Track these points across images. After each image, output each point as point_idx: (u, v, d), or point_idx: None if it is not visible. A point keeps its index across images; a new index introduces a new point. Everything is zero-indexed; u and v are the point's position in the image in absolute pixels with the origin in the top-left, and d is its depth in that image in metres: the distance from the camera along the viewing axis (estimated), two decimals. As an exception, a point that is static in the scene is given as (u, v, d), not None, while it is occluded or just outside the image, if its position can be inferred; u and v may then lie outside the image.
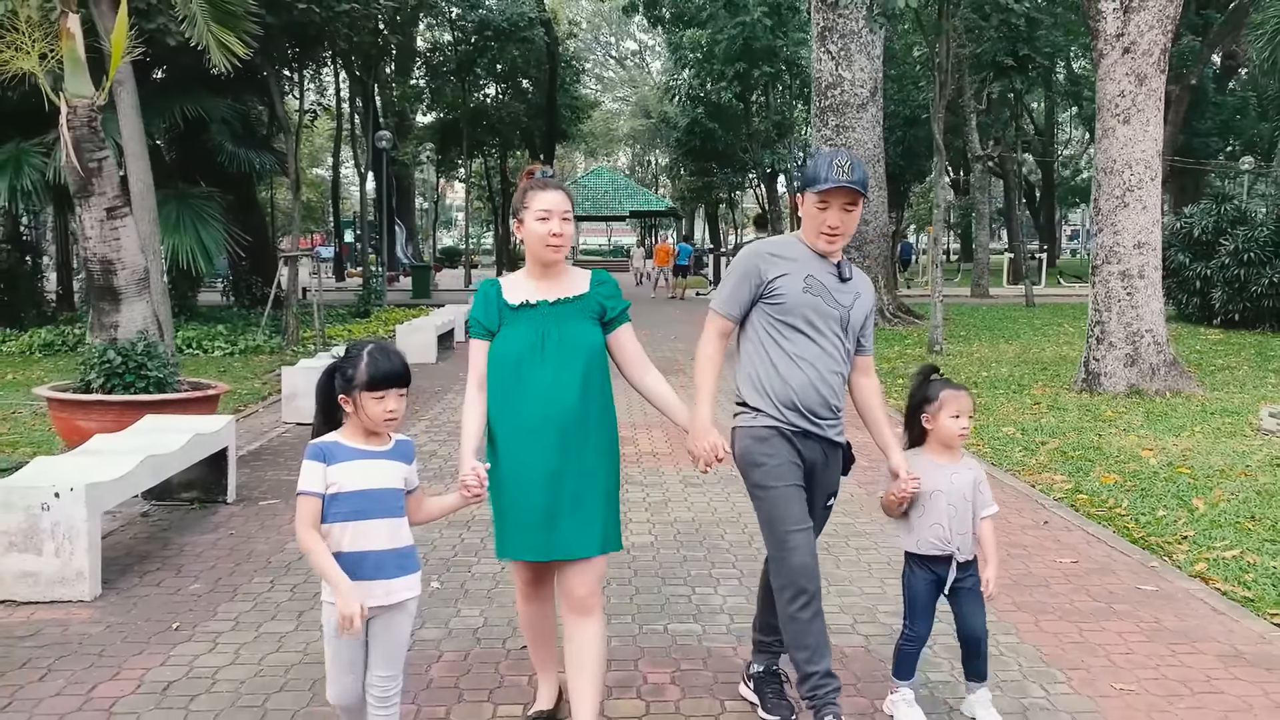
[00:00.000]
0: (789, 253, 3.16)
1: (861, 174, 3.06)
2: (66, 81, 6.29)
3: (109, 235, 6.52)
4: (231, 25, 6.66)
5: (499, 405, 2.94)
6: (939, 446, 3.21)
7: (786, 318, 3.09)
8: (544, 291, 2.98)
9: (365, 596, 2.57)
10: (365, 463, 2.66)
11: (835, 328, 3.11)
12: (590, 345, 2.96)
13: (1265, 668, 3.68)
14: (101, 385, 6.58)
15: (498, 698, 3.41)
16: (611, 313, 3.03)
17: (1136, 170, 10.06)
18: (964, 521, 3.16)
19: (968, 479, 3.19)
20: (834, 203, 3.06)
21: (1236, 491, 6.23)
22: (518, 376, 2.91)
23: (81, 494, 4.28)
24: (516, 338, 2.93)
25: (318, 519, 2.62)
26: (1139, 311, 10.20)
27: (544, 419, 2.88)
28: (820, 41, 17.87)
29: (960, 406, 3.17)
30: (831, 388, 3.11)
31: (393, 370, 2.64)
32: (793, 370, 3.08)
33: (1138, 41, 9.89)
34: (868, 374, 3.32)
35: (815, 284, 3.10)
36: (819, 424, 3.10)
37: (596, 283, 3.05)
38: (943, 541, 3.13)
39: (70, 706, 3.36)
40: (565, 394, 2.89)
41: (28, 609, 4.23)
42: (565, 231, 2.93)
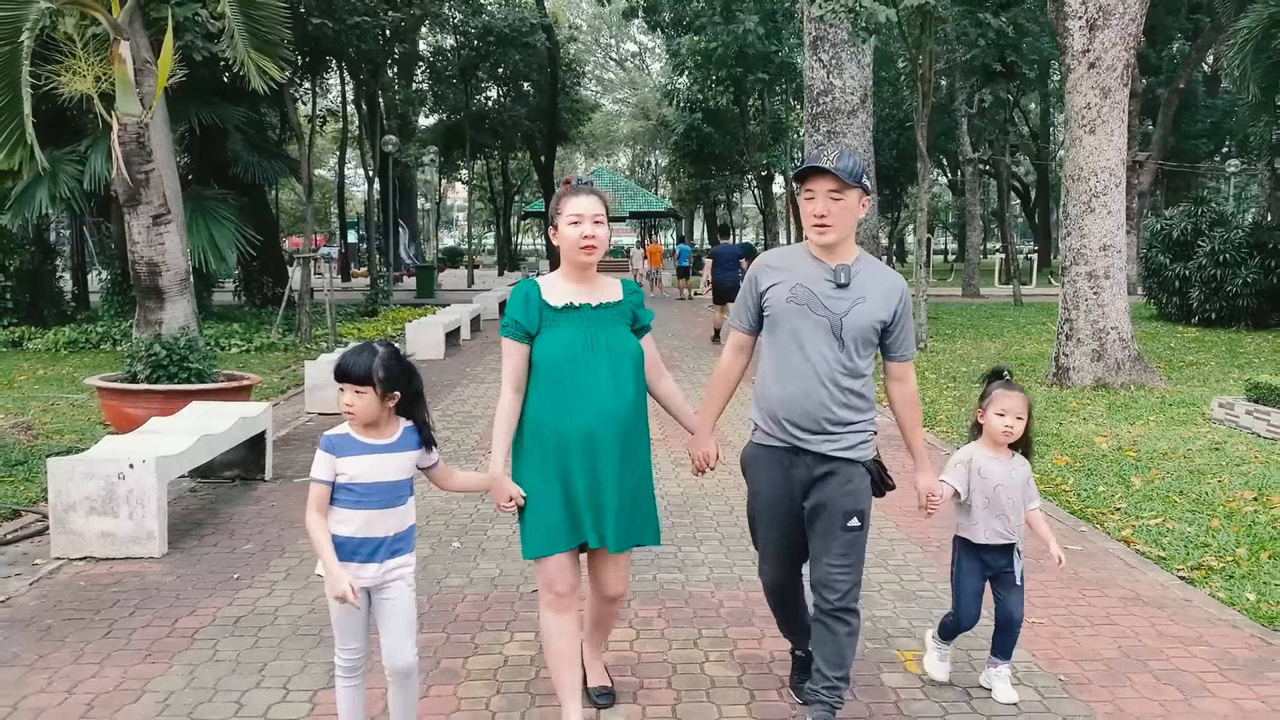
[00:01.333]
0: (786, 262, 3.13)
1: (849, 164, 2.98)
2: (117, 101, 6.99)
3: (154, 240, 7.22)
4: (269, 53, 7.36)
5: (554, 405, 3.00)
6: (991, 442, 3.33)
7: (774, 329, 3.08)
8: (585, 295, 3.08)
9: (367, 578, 2.84)
10: (371, 457, 2.85)
11: (824, 337, 3.01)
12: (634, 349, 3.10)
13: (1158, 607, 4.38)
14: (148, 376, 7.26)
15: (514, 628, 4.11)
16: (640, 321, 3.16)
17: (1102, 177, 10.75)
18: (1018, 514, 3.34)
19: (1023, 475, 3.36)
20: (818, 191, 2.99)
21: (1172, 471, 6.91)
22: (574, 377, 2.98)
23: (152, 465, 4.97)
24: (565, 339, 3.01)
25: (324, 504, 2.84)
26: (1105, 310, 10.88)
27: (608, 416, 2.99)
28: (812, 50, 18.52)
29: (1006, 405, 3.26)
30: (819, 401, 3.01)
31: (345, 369, 2.81)
32: (779, 383, 3.05)
33: (1102, 57, 10.57)
34: (902, 381, 3.20)
35: (802, 293, 3.03)
36: (806, 439, 3.03)
37: (629, 291, 3.17)
38: (1008, 532, 3.31)
39: (159, 634, 4.05)
40: (624, 393, 3.02)
41: (107, 564, 4.92)
42: (598, 234, 3.02)
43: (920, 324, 14.79)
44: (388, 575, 2.87)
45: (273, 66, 7.38)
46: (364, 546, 2.83)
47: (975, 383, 11.30)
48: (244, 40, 6.94)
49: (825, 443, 3.02)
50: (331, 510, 2.83)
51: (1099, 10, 10.50)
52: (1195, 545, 5.27)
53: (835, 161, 2.95)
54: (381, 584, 2.87)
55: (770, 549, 3.20)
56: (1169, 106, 29.75)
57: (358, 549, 2.83)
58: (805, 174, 3.03)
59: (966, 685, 3.60)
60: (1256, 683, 3.63)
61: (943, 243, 63.63)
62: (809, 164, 3.00)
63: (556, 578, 3.05)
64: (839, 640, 3.00)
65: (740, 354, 3.23)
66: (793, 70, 26.88)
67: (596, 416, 2.97)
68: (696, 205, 45.30)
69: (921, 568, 4.94)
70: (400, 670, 2.92)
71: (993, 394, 3.28)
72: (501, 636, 4.02)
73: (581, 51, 49.15)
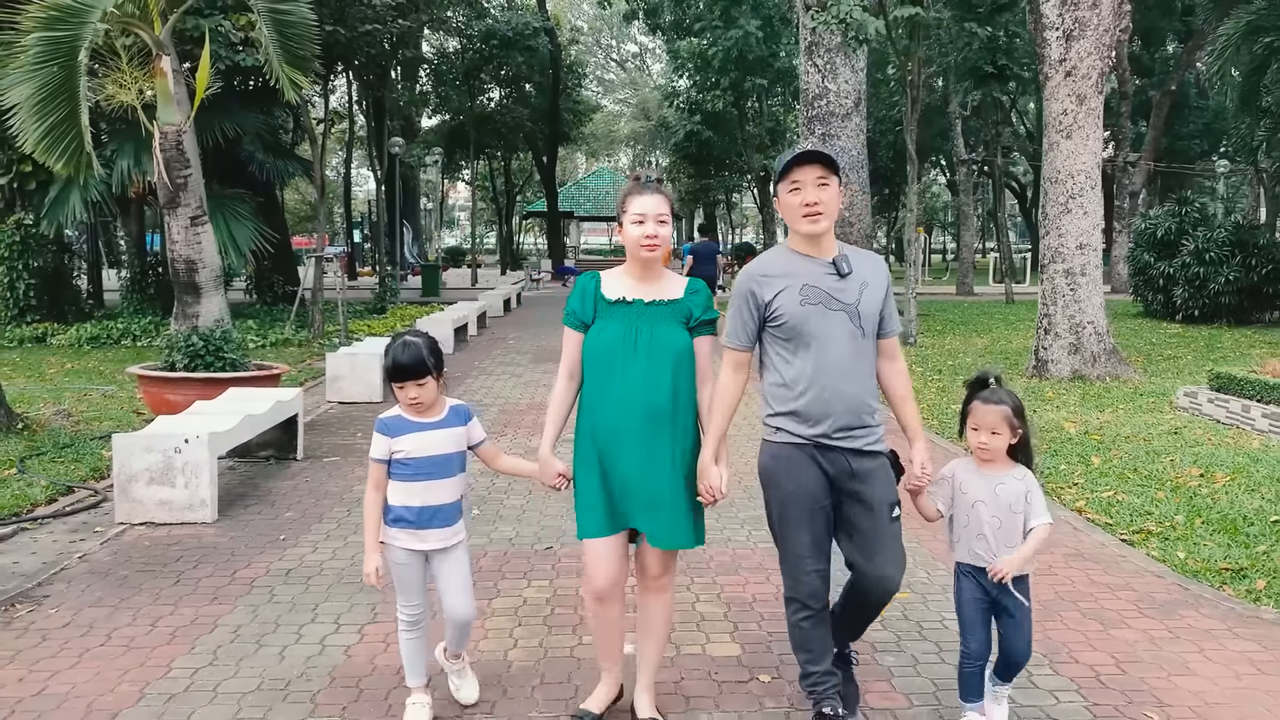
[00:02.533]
0: (780, 268, 3.09)
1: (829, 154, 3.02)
2: (159, 111, 7.58)
3: (192, 239, 7.82)
4: (300, 66, 7.95)
5: (595, 395, 3.12)
6: (978, 459, 3.13)
7: (792, 335, 3.03)
8: (641, 291, 3.13)
9: (431, 542, 3.18)
10: (423, 434, 3.14)
11: (845, 330, 3.02)
12: (679, 347, 3.08)
13: (1094, 561, 4.98)
14: (185, 365, 7.86)
15: (531, 577, 4.71)
16: (696, 320, 3.14)
17: (1078, 180, 11.34)
18: (1012, 534, 3.04)
19: (1016, 490, 3.06)
20: (805, 180, 2.99)
21: (1131, 452, 7.51)
22: (611, 369, 3.06)
23: (205, 440, 5.58)
24: (610, 332, 3.09)
25: (381, 482, 3.16)
26: (1081, 305, 11.47)
27: (636, 411, 3.03)
28: (807, 55, 19.10)
29: (979, 419, 3.07)
30: (853, 396, 3.02)
31: (404, 365, 3.05)
32: (808, 384, 3.01)
33: (1078, 66, 11.16)
34: (892, 357, 3.20)
35: (812, 292, 3.01)
36: (843, 435, 3.02)
37: (690, 291, 3.16)
38: (988, 554, 3.05)
39: (222, 582, 4.66)
40: (658, 390, 3.04)
41: (165, 528, 5.52)
42: (660, 233, 3.06)
43: (910, 320, 15.38)
44: (448, 540, 3.19)
45: (302, 78, 7.98)
46: (423, 514, 3.13)
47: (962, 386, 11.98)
48: (278, 55, 7.54)
49: (863, 437, 3.03)
50: (393, 485, 3.16)
51: (1075, 22, 11.09)
52: (1139, 513, 5.87)
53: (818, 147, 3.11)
54: (444, 548, 3.19)
55: (810, 550, 3.06)
56: (1161, 108, 30.31)
57: (419, 516, 3.13)
58: (790, 166, 3.02)
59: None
60: (1168, 618, 4.23)
61: (941, 242, 64.19)
62: (796, 152, 3.02)
63: (594, 566, 3.09)
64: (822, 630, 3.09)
65: (739, 372, 3.16)
66: (791, 74, 27.47)
67: (624, 410, 3.03)
68: (697, 205, 45.89)
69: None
70: (460, 623, 3.28)
71: (971, 406, 3.11)
72: (520, 584, 4.62)
73: (582, 53, 49.78)
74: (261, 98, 17.18)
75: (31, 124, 6.79)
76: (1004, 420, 3.05)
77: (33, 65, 6.68)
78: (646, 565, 3.18)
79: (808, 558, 3.05)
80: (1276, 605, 4.43)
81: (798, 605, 3.09)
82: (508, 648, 3.91)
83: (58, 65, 6.68)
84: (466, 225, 78.06)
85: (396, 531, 3.17)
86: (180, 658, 3.82)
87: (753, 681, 3.62)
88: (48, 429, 8.31)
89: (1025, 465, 3.12)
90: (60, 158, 6.93)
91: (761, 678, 3.65)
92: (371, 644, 3.96)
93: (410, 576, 3.20)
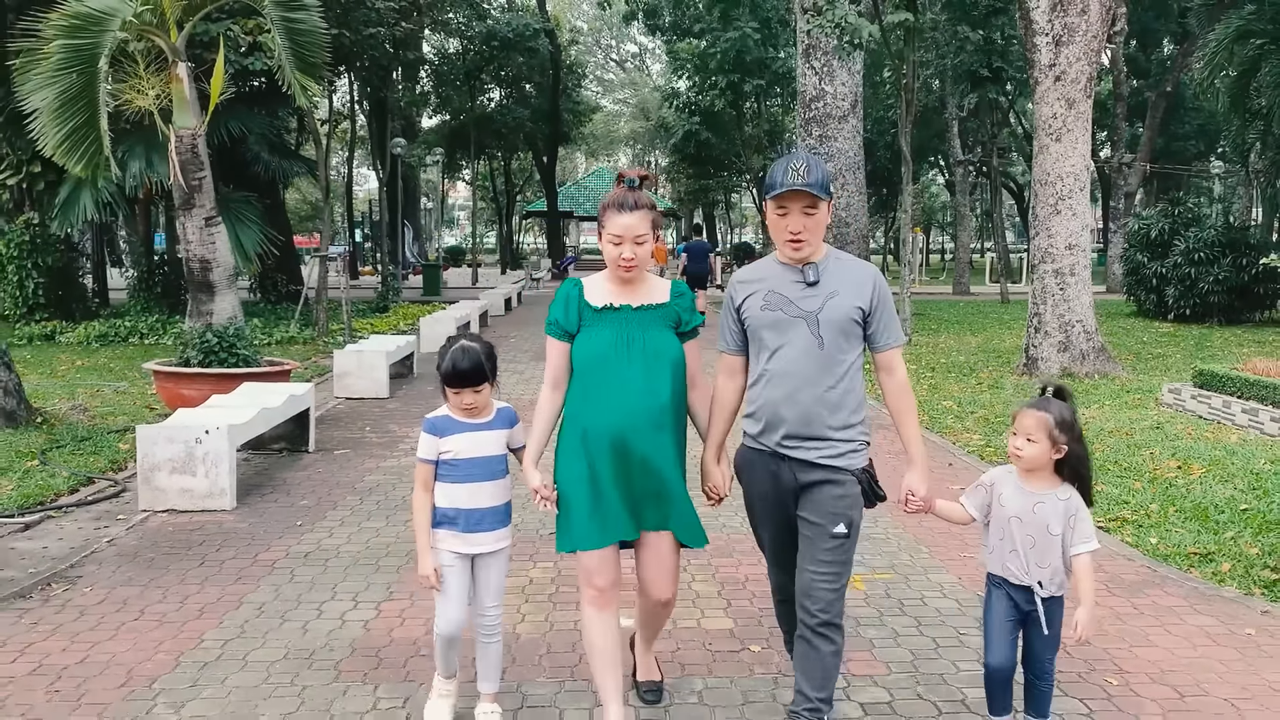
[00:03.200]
0: (758, 274, 3.11)
1: (819, 176, 2.93)
2: (175, 115, 7.85)
3: (206, 240, 8.09)
4: (311, 73, 8.22)
5: (588, 403, 3.05)
6: (1019, 469, 3.01)
7: (755, 338, 3.05)
8: (626, 296, 3.10)
9: (476, 545, 3.14)
10: (472, 434, 3.11)
11: (803, 338, 2.95)
12: (673, 352, 3.09)
13: (1070, 546, 5.25)
14: (200, 361, 8.13)
15: (536, 559, 4.99)
16: (685, 325, 3.15)
17: (1067, 182, 11.61)
18: (1048, 555, 2.93)
19: (1056, 511, 2.94)
20: (792, 207, 2.94)
21: (1114, 445, 7.78)
22: (605, 376, 3.02)
23: (225, 431, 5.85)
24: (601, 339, 3.05)
25: (428, 482, 3.12)
26: (1070, 304, 11.75)
27: (637, 417, 3.01)
28: (805, 58, 19.38)
29: (1020, 424, 2.96)
30: (805, 406, 2.94)
31: (464, 371, 3.04)
32: (762, 389, 3.02)
33: (1067, 71, 11.44)
34: (890, 371, 3.09)
35: (774, 298, 3.00)
36: (793, 446, 2.97)
37: (676, 294, 3.16)
38: (1021, 572, 2.97)
39: (244, 564, 4.93)
40: (657, 395, 3.03)
41: (187, 515, 5.80)
42: (638, 254, 3.04)
43: (904, 319, 15.66)
44: (497, 544, 3.18)
45: (314, 84, 8.26)
46: (473, 516, 3.10)
47: (963, 376, 12.31)
48: (290, 63, 7.81)
49: (813, 450, 2.95)
50: (441, 487, 3.12)
51: (1064, 28, 11.37)
52: (1116, 502, 6.15)
53: (806, 177, 2.90)
54: (491, 552, 3.17)
55: (770, 551, 3.17)
56: (1156, 109, 30.59)
57: (468, 519, 3.10)
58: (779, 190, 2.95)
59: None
60: (1135, 596, 4.51)
61: (940, 242, 64.48)
62: (784, 186, 2.92)
63: (595, 571, 3.05)
64: (823, 659, 2.93)
65: (733, 377, 3.17)
66: (789, 75, 27.76)
67: (625, 417, 3.00)
68: (696, 205, 46.19)
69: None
70: (488, 627, 3.23)
71: (1015, 412, 3.00)
72: (526, 565, 4.90)
73: (582, 53, 50.07)
74: (266, 99, 17.43)
75: (53, 128, 7.07)
76: (1041, 427, 2.90)
77: (55, 71, 6.96)
78: (652, 582, 3.13)
79: (770, 557, 3.18)
80: (1239, 586, 4.70)
81: (772, 589, 3.30)
82: (516, 622, 4.19)
83: (79, 71, 6.96)
84: (465, 225, 78.44)
85: (444, 534, 3.14)
86: (210, 631, 4.09)
87: (744, 651, 3.90)
88: (65, 423, 8.58)
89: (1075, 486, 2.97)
90: (80, 160, 7.21)
91: (752, 648, 3.93)
92: (388, 619, 4.23)
93: (455, 581, 3.15)
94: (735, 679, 3.65)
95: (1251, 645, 3.96)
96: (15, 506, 6.08)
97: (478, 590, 3.20)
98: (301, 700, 3.48)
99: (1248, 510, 5.86)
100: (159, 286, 18.12)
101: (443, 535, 3.13)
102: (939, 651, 3.93)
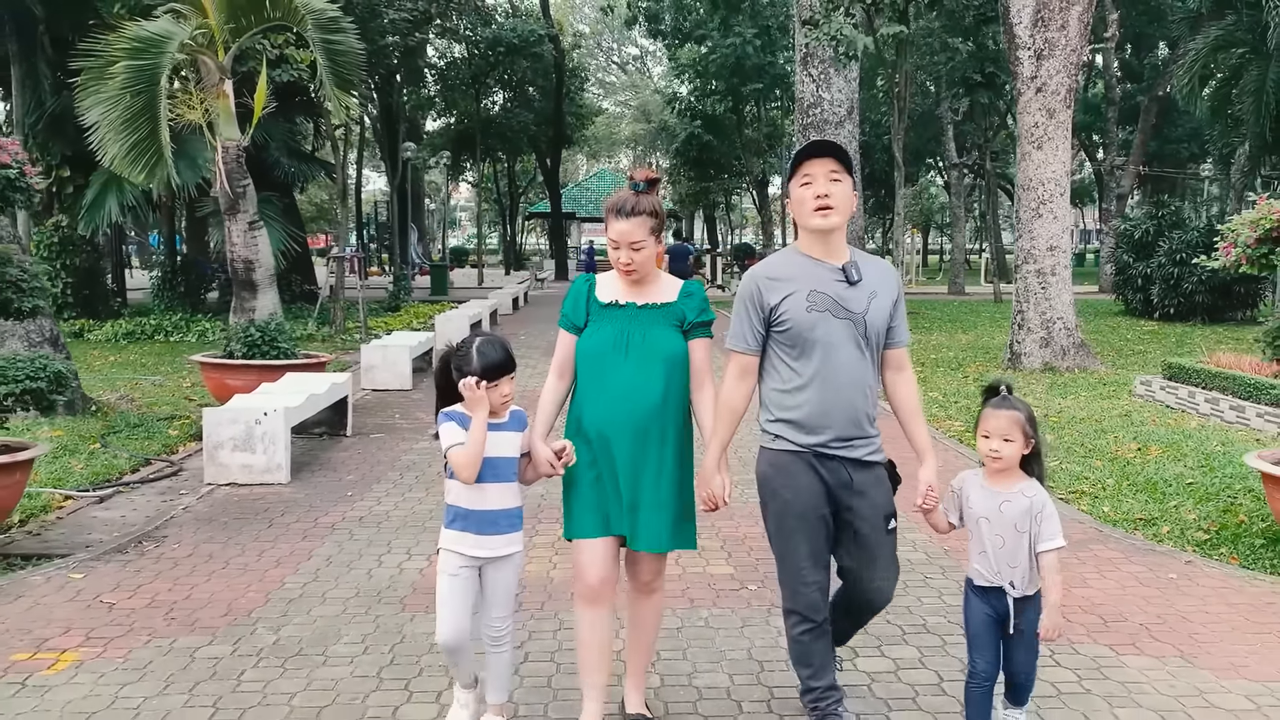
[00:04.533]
0: (787, 271, 3.02)
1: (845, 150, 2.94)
2: (221, 128, 8.58)
3: (250, 242, 8.82)
4: (348, 89, 8.94)
5: (585, 397, 3.10)
6: (988, 470, 3.03)
7: (796, 342, 2.96)
8: (634, 295, 3.10)
9: (488, 548, 3.02)
10: (490, 434, 3.00)
11: (852, 339, 2.95)
12: (671, 350, 3.04)
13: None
14: (244, 353, 8.85)
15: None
16: (690, 324, 3.09)
17: (1048, 187, 12.33)
18: (1016, 554, 2.96)
19: (1021, 508, 2.96)
20: (817, 173, 2.91)
21: (1082, 431, 8.49)
22: (601, 372, 3.04)
23: (282, 413, 6.57)
24: (602, 335, 3.07)
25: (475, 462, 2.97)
26: (1052, 303, 12.46)
27: (625, 414, 3.00)
28: (803, 66, 20.09)
29: (990, 425, 2.97)
30: (854, 406, 2.96)
31: (498, 361, 2.98)
32: (810, 392, 2.96)
33: (1048, 83, 12.15)
34: (900, 368, 3.12)
35: (820, 299, 2.94)
36: (842, 445, 2.97)
37: (685, 294, 3.12)
38: (990, 572, 2.98)
39: (307, 526, 5.65)
40: (647, 394, 3.00)
41: (248, 488, 6.52)
42: (635, 259, 3.03)
43: (898, 317, 16.33)
44: (508, 548, 3.08)
45: (351, 100, 9.00)
46: (487, 517, 3.03)
47: (950, 370, 13.01)
48: (330, 80, 8.54)
49: (862, 447, 2.98)
50: (454, 486, 3.05)
51: (1045, 42, 12.08)
52: (1077, 478, 6.86)
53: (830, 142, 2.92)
54: (502, 557, 3.08)
55: (808, 560, 3.02)
56: (1149, 112, 31.28)
57: (478, 521, 3.03)
58: (802, 158, 2.95)
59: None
60: (1079, 551, 5.22)
61: (939, 243, 65.18)
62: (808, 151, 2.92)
63: (586, 566, 3.06)
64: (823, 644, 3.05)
65: (746, 378, 3.09)
66: (788, 80, 28.49)
67: (611, 414, 3.01)
68: (697, 207, 46.92)
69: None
70: (495, 636, 3.13)
71: (982, 413, 3.01)
72: (555, 526, 5.60)
73: (584, 56, 50.78)
74: (285, 106, 18.16)
75: (117, 142, 7.80)
76: (1016, 426, 2.95)
77: (119, 89, 7.68)
78: (637, 568, 3.16)
79: (806, 569, 3.00)
80: (1174, 544, 5.42)
81: (797, 618, 3.04)
82: (549, 569, 4.90)
83: (142, 90, 7.67)
84: (468, 226, 79.18)
85: (454, 535, 3.07)
86: (289, 576, 4.81)
87: (743, 590, 4.62)
88: (117, 411, 9.30)
89: (1037, 479, 3.03)
90: (142, 171, 7.94)
91: (750, 586, 4.65)
92: (438, 569, 4.94)
93: (460, 590, 3.06)
94: (735, 609, 4.37)
95: (1171, 586, 4.69)
96: (88, 483, 6.80)
97: (485, 598, 3.11)
98: (376, 625, 4.19)
99: (1193, 484, 6.58)
100: (181, 286, 18.83)
101: (452, 537, 3.06)
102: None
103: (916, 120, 31.86)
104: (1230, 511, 5.93)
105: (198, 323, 17.44)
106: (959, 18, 18.08)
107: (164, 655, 3.87)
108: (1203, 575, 4.85)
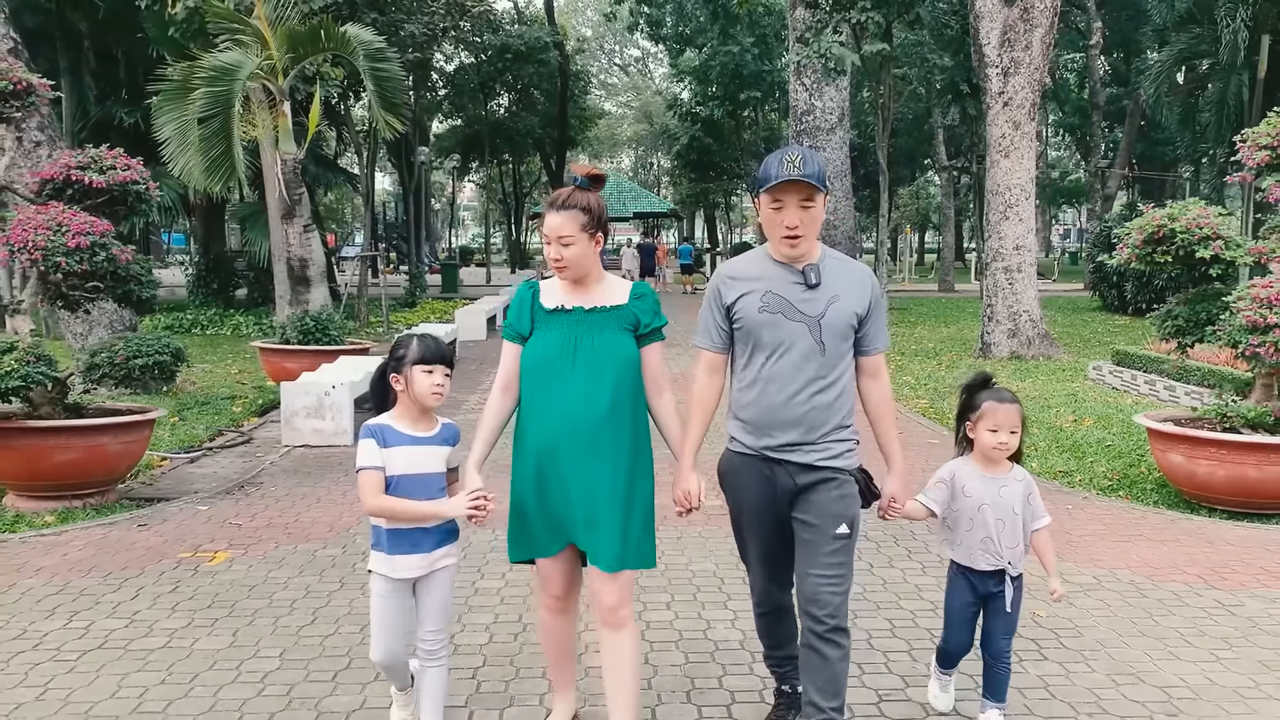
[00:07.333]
0: (751, 271, 3.00)
1: (815, 168, 2.84)
2: (280, 143, 9.84)
3: (305, 243, 10.09)
4: (394, 111, 10.20)
5: (530, 408, 2.96)
6: (982, 458, 3.10)
7: (747, 341, 2.96)
8: (580, 298, 2.98)
9: (408, 568, 2.92)
10: (413, 448, 2.92)
11: (804, 342, 2.90)
12: (622, 356, 2.93)
13: (968, 465, 7.24)
14: (299, 340, 10.12)
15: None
16: (644, 328, 2.99)
17: (1014, 192, 13.59)
18: (1014, 535, 3.08)
19: (1017, 492, 3.09)
20: (788, 201, 2.86)
21: (1030, 407, 9.72)
22: (548, 381, 2.91)
23: (347, 386, 7.84)
24: (548, 342, 2.94)
25: (381, 488, 2.88)
26: (1018, 297, 13.72)
27: (574, 425, 2.87)
28: (796, 76, 21.37)
29: (999, 420, 3.03)
30: (805, 411, 2.91)
31: (440, 351, 2.93)
32: (758, 393, 2.95)
33: (1014, 98, 13.41)
34: (874, 375, 3.08)
35: (774, 300, 2.91)
36: (790, 449, 2.93)
37: (635, 295, 3.01)
38: (995, 556, 3.08)
39: (376, 475, 6.91)
40: (595, 402, 2.88)
41: (319, 449, 7.79)
42: (564, 255, 2.90)
43: (883, 312, 17.59)
44: (435, 565, 2.98)
45: (395, 120, 10.24)
46: (411, 537, 2.92)
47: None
48: (377, 103, 9.80)
49: (811, 452, 2.92)
50: None
51: (1011, 61, 13.34)
52: (1015, 442, 8.12)
53: (803, 168, 2.82)
54: (429, 573, 2.97)
55: (758, 560, 3.09)
56: (1134, 116, 32.49)
57: (409, 539, 2.91)
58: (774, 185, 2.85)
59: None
60: (1001, 491, 6.48)
61: (936, 242, 66.41)
62: (780, 178, 2.83)
63: (551, 578, 3.04)
64: (832, 666, 2.86)
65: (714, 375, 3.08)
66: (784, 87, 29.77)
67: (560, 424, 2.89)
68: (697, 207, 48.23)
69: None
70: (430, 650, 3.01)
71: (983, 406, 3.06)
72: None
73: (587, 59, 52.04)
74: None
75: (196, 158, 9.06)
76: (1019, 416, 3.07)
77: (199, 113, 8.94)
78: (600, 594, 2.94)
79: (757, 566, 3.11)
80: (1082, 488, 6.68)
81: (755, 603, 3.22)
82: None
83: (218, 112, 8.94)
84: (471, 225, 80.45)
85: (384, 557, 2.95)
86: (370, 508, 6.07)
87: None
88: (185, 392, 10.58)
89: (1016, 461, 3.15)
90: (219, 182, 9.19)
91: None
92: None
93: (393, 610, 2.99)
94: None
95: (1064, 513, 5.95)
96: (178, 447, 8.08)
97: (419, 613, 3.02)
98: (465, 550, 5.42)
99: (1110, 446, 7.85)
100: (215, 283, 20.11)
101: (380, 559, 2.97)
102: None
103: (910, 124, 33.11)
104: (1134, 466, 7.20)
105: (231, 317, 18.71)
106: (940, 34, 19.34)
107: (293, 553, 5.15)
108: (1093, 507, 6.12)
